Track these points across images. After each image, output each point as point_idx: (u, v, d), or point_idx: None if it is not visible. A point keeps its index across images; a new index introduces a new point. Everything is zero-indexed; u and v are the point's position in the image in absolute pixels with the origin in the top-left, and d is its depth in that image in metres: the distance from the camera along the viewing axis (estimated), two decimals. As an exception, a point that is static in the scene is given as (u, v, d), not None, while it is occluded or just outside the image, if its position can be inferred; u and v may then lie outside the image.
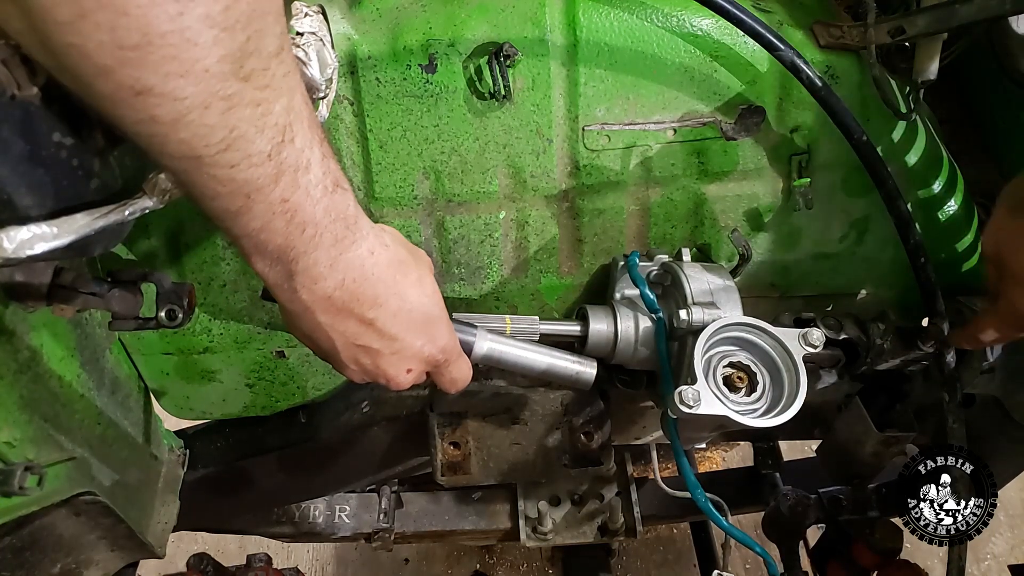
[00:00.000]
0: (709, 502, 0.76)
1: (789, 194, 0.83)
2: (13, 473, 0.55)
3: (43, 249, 0.45)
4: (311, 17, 0.65)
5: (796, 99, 0.78)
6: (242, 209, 0.47)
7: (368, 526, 1.25)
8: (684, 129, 0.79)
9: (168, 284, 0.63)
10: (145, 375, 0.89)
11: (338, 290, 0.55)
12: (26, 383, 0.62)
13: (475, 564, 1.95)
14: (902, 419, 0.95)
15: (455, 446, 0.95)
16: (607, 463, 0.95)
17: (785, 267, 0.88)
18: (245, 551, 1.33)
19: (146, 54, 0.37)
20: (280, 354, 0.90)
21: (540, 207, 0.83)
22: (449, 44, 0.73)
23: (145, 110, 0.39)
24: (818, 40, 0.78)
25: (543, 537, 1.19)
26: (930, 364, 0.88)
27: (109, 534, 0.79)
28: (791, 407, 0.68)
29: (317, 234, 0.51)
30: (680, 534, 1.98)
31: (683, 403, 0.67)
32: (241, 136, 0.43)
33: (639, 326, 0.79)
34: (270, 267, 0.53)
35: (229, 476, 1.04)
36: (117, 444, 0.77)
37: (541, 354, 0.75)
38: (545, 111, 0.77)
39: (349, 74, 0.74)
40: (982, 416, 0.96)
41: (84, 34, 0.35)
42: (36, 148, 0.44)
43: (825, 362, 0.87)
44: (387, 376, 0.63)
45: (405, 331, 0.61)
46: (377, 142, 0.77)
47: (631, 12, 0.75)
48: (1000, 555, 1.97)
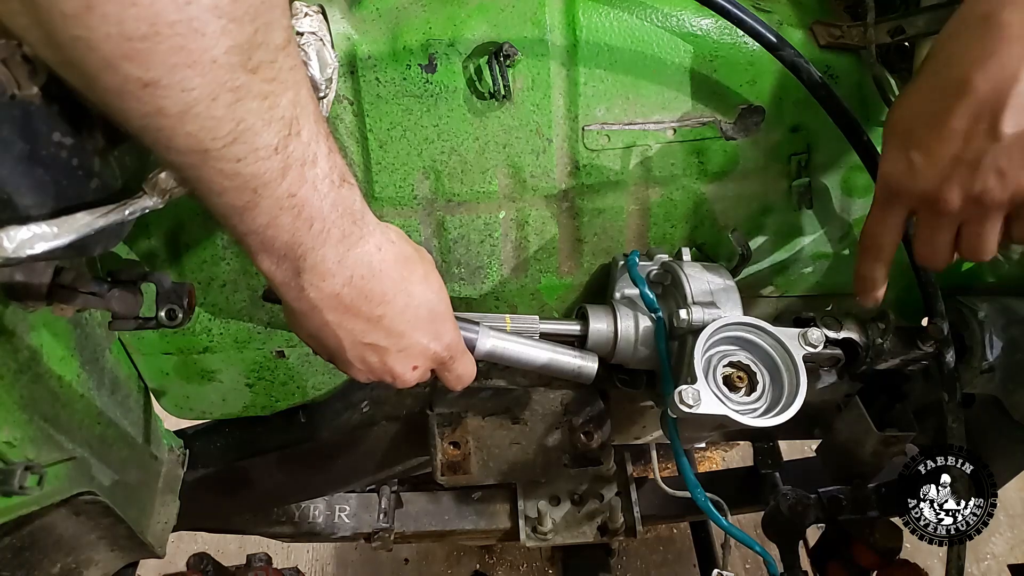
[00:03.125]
0: (709, 502, 0.76)
1: (789, 194, 0.83)
2: (13, 473, 0.55)
3: (43, 249, 0.45)
4: (311, 17, 0.65)
5: (796, 99, 0.78)
6: (249, 204, 0.47)
7: (368, 526, 1.25)
8: (684, 129, 0.79)
9: (168, 284, 0.63)
10: (145, 375, 0.89)
11: (346, 287, 0.55)
12: (26, 383, 0.62)
13: (475, 564, 1.95)
14: (902, 419, 0.95)
15: (455, 446, 0.95)
16: (607, 463, 0.96)
17: (785, 267, 0.88)
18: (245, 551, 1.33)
19: (154, 45, 0.37)
20: (280, 354, 0.90)
21: (540, 207, 0.83)
22: (449, 44, 0.73)
23: (152, 102, 0.39)
24: (818, 40, 0.78)
25: (543, 537, 1.19)
26: (930, 364, 0.88)
27: (109, 534, 0.79)
28: (791, 407, 0.68)
29: (325, 229, 0.51)
30: (680, 534, 1.98)
31: (683, 403, 0.67)
32: (248, 129, 0.43)
33: (639, 325, 0.79)
34: (277, 265, 0.53)
35: (229, 476, 1.04)
36: (117, 444, 0.77)
37: (543, 349, 0.76)
38: (545, 111, 0.77)
39: (349, 74, 0.74)
40: (982, 416, 0.96)
41: (91, 26, 0.35)
42: (36, 147, 0.44)
43: (825, 362, 0.87)
44: (393, 374, 0.63)
45: (412, 328, 0.61)
46: (377, 142, 0.77)
47: (631, 12, 0.75)
48: (1000, 555, 1.97)
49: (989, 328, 0.84)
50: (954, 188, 0.61)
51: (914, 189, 0.63)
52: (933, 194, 0.62)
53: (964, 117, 0.58)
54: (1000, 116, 0.56)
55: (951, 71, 0.59)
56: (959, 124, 0.58)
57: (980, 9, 0.57)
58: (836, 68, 0.78)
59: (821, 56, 0.77)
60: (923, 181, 0.62)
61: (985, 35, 0.56)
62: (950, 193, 0.61)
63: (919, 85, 0.62)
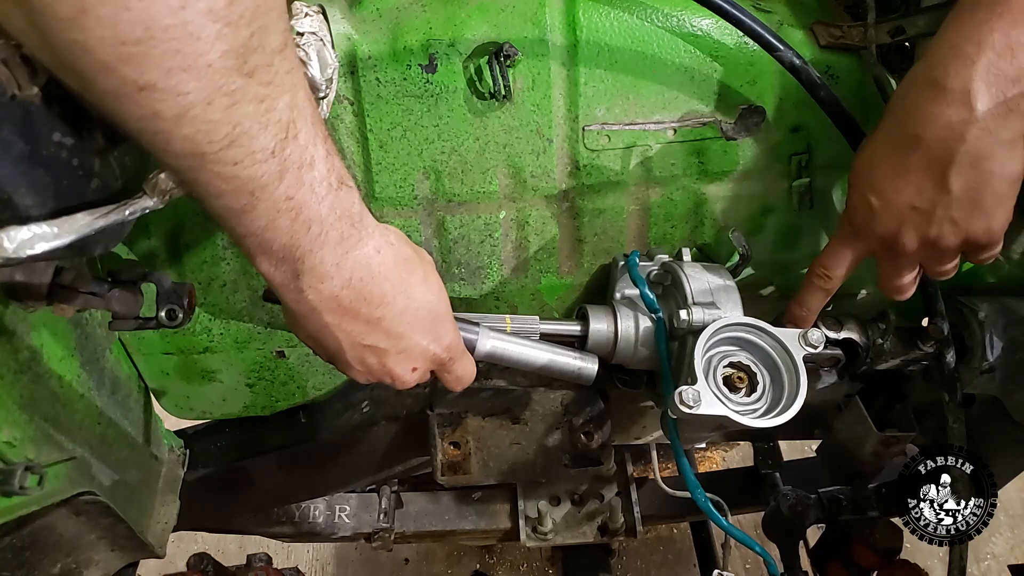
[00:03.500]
0: (709, 502, 0.76)
1: (789, 194, 0.83)
2: (13, 473, 0.55)
3: (43, 249, 0.45)
4: (311, 17, 0.65)
5: (796, 99, 0.78)
6: (246, 207, 0.47)
7: (368, 526, 1.25)
8: (684, 129, 0.79)
9: (168, 284, 0.63)
10: (145, 375, 0.89)
11: (345, 289, 0.55)
12: (26, 383, 0.62)
13: (475, 564, 1.95)
14: (902, 419, 0.95)
15: (455, 446, 0.95)
16: (607, 463, 0.95)
17: (785, 267, 0.88)
18: (245, 551, 1.33)
19: (149, 48, 0.37)
20: (280, 354, 0.90)
21: (540, 207, 0.83)
22: (449, 44, 0.73)
23: (148, 106, 0.39)
24: (818, 40, 0.78)
25: (543, 537, 1.19)
26: (930, 364, 0.88)
27: (109, 534, 0.79)
28: (791, 407, 0.68)
29: (323, 232, 0.51)
30: (680, 534, 1.98)
31: (683, 403, 0.67)
32: (245, 132, 0.43)
33: (639, 326, 0.79)
34: (275, 267, 0.53)
35: (229, 476, 1.04)
36: (117, 444, 0.77)
37: (543, 350, 0.76)
38: (545, 111, 0.77)
39: (349, 74, 0.74)
40: (982, 416, 0.96)
41: (86, 30, 0.35)
42: (36, 148, 0.44)
43: (825, 362, 0.87)
44: (393, 375, 0.63)
45: (412, 330, 0.61)
46: (377, 142, 0.77)
47: (631, 12, 0.75)
48: (1000, 555, 1.97)
49: (989, 328, 0.84)
50: (911, 233, 0.66)
51: (875, 231, 0.68)
52: (891, 237, 0.67)
53: (916, 171, 0.63)
54: (948, 172, 0.62)
55: (905, 127, 0.64)
56: (912, 177, 0.64)
57: (930, 73, 0.61)
58: (836, 68, 0.78)
59: (821, 56, 0.77)
60: (882, 225, 0.67)
61: (934, 98, 0.61)
62: (907, 237, 0.67)
63: (878, 136, 0.67)
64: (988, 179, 0.61)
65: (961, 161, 0.61)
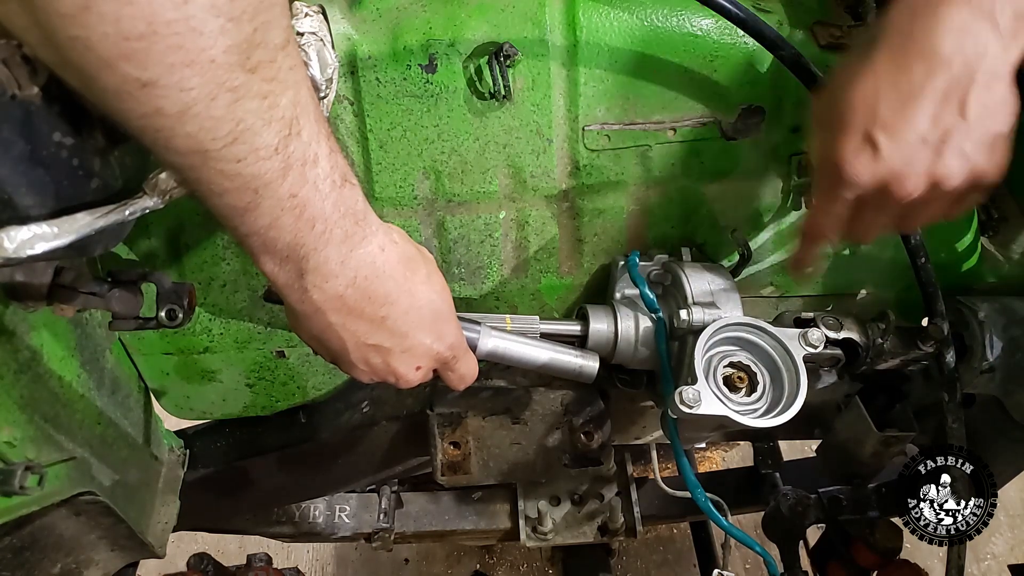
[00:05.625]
0: (709, 502, 0.76)
1: (789, 194, 0.83)
2: (13, 473, 0.55)
3: (44, 249, 0.45)
4: (311, 17, 0.65)
5: (796, 99, 0.78)
6: (250, 205, 0.47)
7: (368, 526, 1.25)
8: (684, 129, 0.79)
9: (168, 284, 0.63)
10: (145, 375, 0.89)
11: (350, 288, 0.55)
12: (26, 383, 0.62)
13: (475, 564, 1.95)
14: (902, 419, 0.95)
15: (455, 446, 0.95)
16: (607, 463, 0.95)
17: (785, 267, 0.88)
18: (245, 551, 1.33)
19: (151, 44, 0.37)
20: (280, 354, 0.90)
21: (540, 207, 0.83)
22: (449, 44, 0.73)
23: (151, 102, 0.39)
24: (818, 40, 0.78)
25: (543, 537, 1.19)
26: (930, 364, 0.88)
27: (109, 534, 0.79)
28: (791, 407, 0.68)
29: (327, 230, 0.51)
30: (680, 534, 1.98)
31: (683, 403, 0.67)
32: (248, 129, 0.43)
33: (639, 326, 0.79)
34: (279, 267, 0.52)
35: (229, 476, 1.04)
36: (117, 444, 0.77)
37: (544, 349, 0.76)
38: (545, 111, 0.77)
39: (349, 74, 0.74)
40: (982, 416, 0.96)
41: (88, 26, 0.35)
42: (37, 148, 0.44)
43: (825, 362, 0.87)
44: (397, 374, 0.63)
45: (415, 328, 0.61)
46: (377, 142, 0.77)
47: (631, 12, 0.75)
48: (1000, 555, 1.97)
49: (989, 328, 0.84)
50: (918, 172, 0.58)
51: (874, 176, 0.59)
52: (894, 180, 0.58)
53: (931, 95, 0.56)
54: (968, 94, 0.55)
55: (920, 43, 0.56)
56: (927, 103, 0.56)
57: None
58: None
59: (821, 56, 0.77)
60: (884, 167, 0.58)
61: (956, 11, 0.54)
62: (912, 178, 0.58)
63: (879, 63, 0.58)
64: (1001, 105, 0.55)
65: (980, 81, 0.54)
